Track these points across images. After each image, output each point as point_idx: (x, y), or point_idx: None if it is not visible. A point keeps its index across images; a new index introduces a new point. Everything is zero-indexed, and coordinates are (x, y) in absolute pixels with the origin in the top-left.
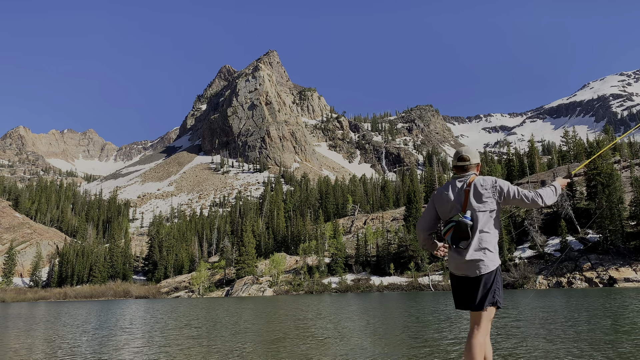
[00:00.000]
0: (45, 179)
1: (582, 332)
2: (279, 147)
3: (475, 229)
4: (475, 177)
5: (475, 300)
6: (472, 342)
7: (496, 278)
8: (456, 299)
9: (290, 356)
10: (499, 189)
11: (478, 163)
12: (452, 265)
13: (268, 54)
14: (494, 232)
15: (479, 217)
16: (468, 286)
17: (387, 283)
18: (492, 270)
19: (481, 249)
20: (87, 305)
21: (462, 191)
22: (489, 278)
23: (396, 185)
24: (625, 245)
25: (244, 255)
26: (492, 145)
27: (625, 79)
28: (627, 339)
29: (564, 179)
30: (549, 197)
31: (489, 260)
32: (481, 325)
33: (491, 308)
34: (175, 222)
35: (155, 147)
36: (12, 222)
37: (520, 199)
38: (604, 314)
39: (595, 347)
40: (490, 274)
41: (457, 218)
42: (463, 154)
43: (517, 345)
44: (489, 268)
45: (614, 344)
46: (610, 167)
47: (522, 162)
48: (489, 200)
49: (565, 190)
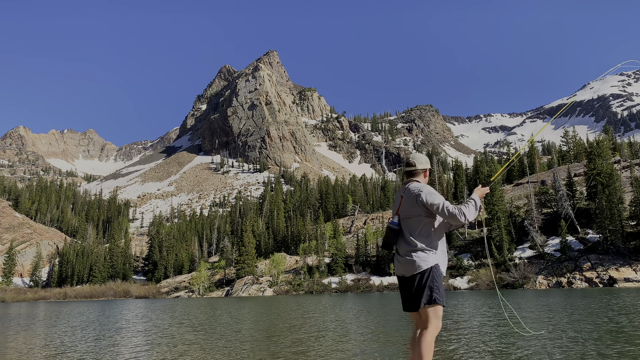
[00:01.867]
0: (45, 179)
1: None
2: (279, 147)
3: (404, 233)
4: (412, 184)
5: (412, 299)
6: (420, 340)
7: (431, 276)
8: (402, 301)
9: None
10: (421, 200)
11: (425, 169)
12: (394, 266)
13: (268, 54)
14: (430, 236)
15: (408, 222)
16: (405, 286)
17: (387, 283)
18: (424, 270)
19: (412, 250)
20: (87, 306)
21: (399, 196)
22: (422, 277)
23: (396, 185)
24: (625, 245)
25: (244, 255)
26: (492, 145)
27: (625, 79)
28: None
29: (483, 188)
30: (470, 213)
31: (421, 260)
32: (426, 324)
33: (432, 307)
34: (175, 222)
35: (155, 147)
36: (12, 222)
37: (441, 212)
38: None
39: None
40: (424, 272)
41: (388, 222)
42: (410, 160)
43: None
44: (421, 267)
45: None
46: (610, 167)
47: (522, 162)
48: (417, 207)
49: (565, 190)
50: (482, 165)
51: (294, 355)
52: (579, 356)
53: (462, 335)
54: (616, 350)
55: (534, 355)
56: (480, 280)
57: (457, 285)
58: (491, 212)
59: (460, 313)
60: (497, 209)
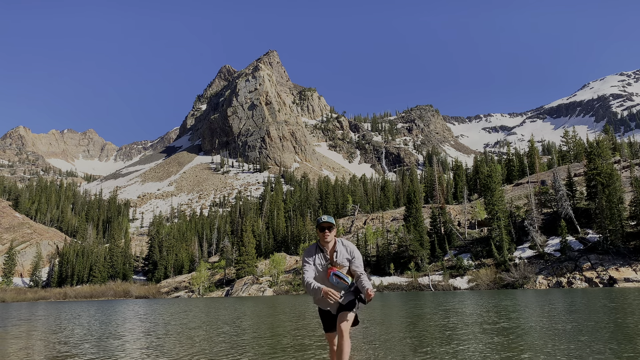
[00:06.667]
0: (45, 179)
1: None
2: (279, 147)
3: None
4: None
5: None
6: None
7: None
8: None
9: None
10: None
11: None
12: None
13: (268, 54)
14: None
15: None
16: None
17: (387, 283)
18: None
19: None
20: (87, 306)
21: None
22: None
23: (396, 185)
24: (625, 245)
25: (244, 255)
26: (492, 145)
27: (625, 79)
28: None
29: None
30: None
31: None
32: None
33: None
34: (175, 222)
35: (155, 147)
36: (12, 222)
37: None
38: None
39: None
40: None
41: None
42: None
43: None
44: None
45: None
46: (610, 167)
47: (522, 162)
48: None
49: (565, 190)
50: (482, 165)
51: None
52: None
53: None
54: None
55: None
56: (480, 280)
57: (457, 285)
58: (491, 212)
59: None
60: (497, 209)
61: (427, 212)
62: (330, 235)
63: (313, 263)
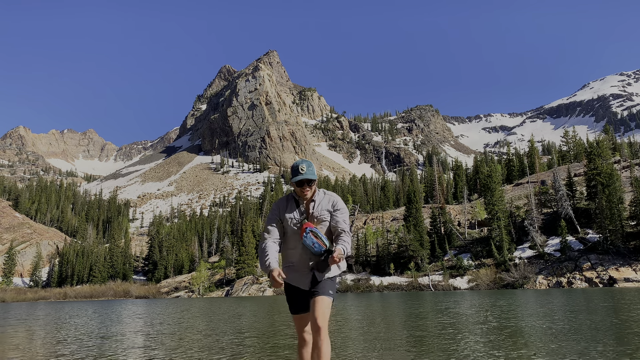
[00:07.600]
0: (45, 179)
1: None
2: (279, 147)
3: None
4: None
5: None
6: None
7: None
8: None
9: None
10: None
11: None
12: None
13: (268, 54)
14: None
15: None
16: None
17: (387, 283)
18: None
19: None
20: (86, 306)
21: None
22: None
23: (396, 185)
24: (625, 245)
25: (244, 255)
26: (492, 145)
27: (625, 79)
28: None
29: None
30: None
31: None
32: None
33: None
34: (175, 222)
35: (155, 147)
36: (12, 222)
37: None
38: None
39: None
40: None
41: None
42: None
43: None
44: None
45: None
46: (610, 167)
47: (522, 162)
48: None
49: (565, 190)
50: (482, 165)
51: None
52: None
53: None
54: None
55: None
56: (480, 280)
57: (457, 285)
58: (491, 212)
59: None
60: (497, 209)
61: (427, 212)
62: (310, 192)
63: (281, 219)
